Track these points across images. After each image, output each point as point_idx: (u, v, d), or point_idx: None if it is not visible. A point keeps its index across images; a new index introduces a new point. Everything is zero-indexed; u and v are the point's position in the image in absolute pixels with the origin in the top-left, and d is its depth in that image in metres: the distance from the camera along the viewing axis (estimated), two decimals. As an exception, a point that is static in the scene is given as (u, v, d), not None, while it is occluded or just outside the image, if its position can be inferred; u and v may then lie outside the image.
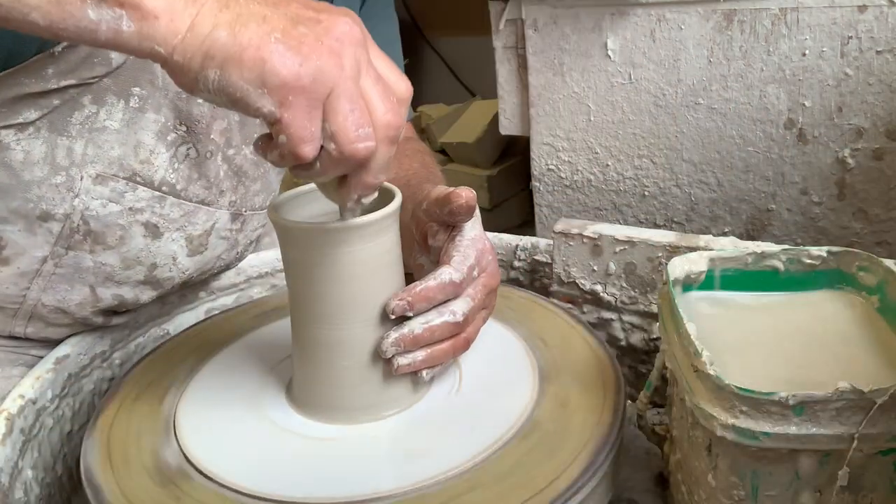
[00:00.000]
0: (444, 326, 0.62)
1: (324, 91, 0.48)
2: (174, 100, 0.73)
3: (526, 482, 0.57)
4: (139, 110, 0.70)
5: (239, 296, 0.90)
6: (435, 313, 0.62)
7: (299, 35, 0.48)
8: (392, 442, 0.63)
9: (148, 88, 0.71)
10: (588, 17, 1.29)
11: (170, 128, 0.73)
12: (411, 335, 0.62)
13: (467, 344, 0.65)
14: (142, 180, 0.73)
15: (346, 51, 0.49)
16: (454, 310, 0.63)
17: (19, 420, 0.67)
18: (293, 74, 0.47)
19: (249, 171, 0.83)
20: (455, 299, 0.64)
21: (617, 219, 1.40)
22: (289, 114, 0.48)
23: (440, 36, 2.98)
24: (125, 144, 0.71)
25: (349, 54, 0.49)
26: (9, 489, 0.64)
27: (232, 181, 0.81)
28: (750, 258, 0.65)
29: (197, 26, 0.47)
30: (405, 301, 0.61)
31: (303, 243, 0.61)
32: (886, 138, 1.16)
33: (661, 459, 0.71)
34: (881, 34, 1.11)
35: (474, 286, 0.65)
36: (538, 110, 1.39)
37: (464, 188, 0.66)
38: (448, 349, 0.64)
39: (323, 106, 0.49)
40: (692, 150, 1.29)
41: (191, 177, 0.76)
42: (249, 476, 0.60)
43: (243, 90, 0.47)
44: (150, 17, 0.47)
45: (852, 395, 0.49)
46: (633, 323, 0.82)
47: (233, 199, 0.82)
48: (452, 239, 0.67)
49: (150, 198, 0.74)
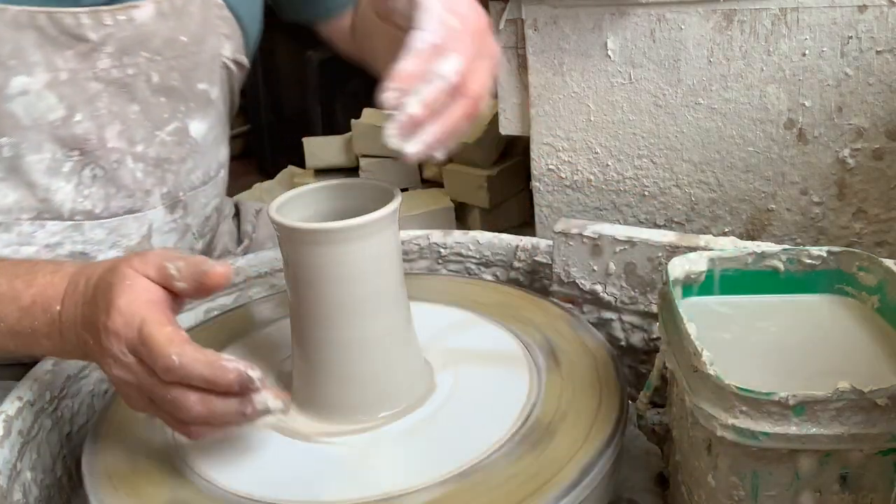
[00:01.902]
0: (439, 94, 0.57)
1: None
2: (52, 132, 0.72)
3: (526, 482, 0.57)
4: (16, 157, 0.70)
5: (238, 296, 0.90)
6: (424, 84, 0.57)
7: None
8: (392, 442, 0.63)
9: (16, 134, 0.70)
10: (588, 17, 1.29)
11: (60, 160, 0.72)
12: (408, 118, 0.56)
13: (476, 104, 0.60)
14: (49, 216, 0.72)
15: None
16: (443, 72, 0.57)
17: (17, 422, 0.67)
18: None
19: (172, 156, 0.83)
20: (442, 60, 0.58)
21: (617, 219, 1.40)
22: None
23: (440, 36, 2.98)
24: (17, 190, 0.70)
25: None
26: (7, 491, 0.64)
27: (156, 175, 0.81)
28: (750, 258, 0.65)
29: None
30: (394, 90, 0.56)
31: (303, 243, 0.61)
32: (886, 138, 1.16)
33: (661, 459, 0.71)
34: (881, 34, 1.11)
35: (458, 38, 0.59)
36: (538, 110, 1.39)
37: None
38: (457, 115, 0.59)
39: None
40: (692, 150, 1.29)
41: (108, 194, 0.76)
42: (248, 479, 0.60)
43: None
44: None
45: (852, 395, 0.49)
46: (633, 323, 0.82)
47: (164, 190, 0.82)
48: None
49: (63, 229, 0.73)
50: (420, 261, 0.91)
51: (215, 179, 0.94)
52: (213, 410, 0.56)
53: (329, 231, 0.60)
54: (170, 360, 0.55)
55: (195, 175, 0.87)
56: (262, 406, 0.56)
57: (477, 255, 0.89)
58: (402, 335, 0.66)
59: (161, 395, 0.56)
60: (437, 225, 2.14)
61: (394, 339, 0.65)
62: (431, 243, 0.90)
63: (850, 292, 0.64)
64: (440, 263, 0.90)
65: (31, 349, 0.66)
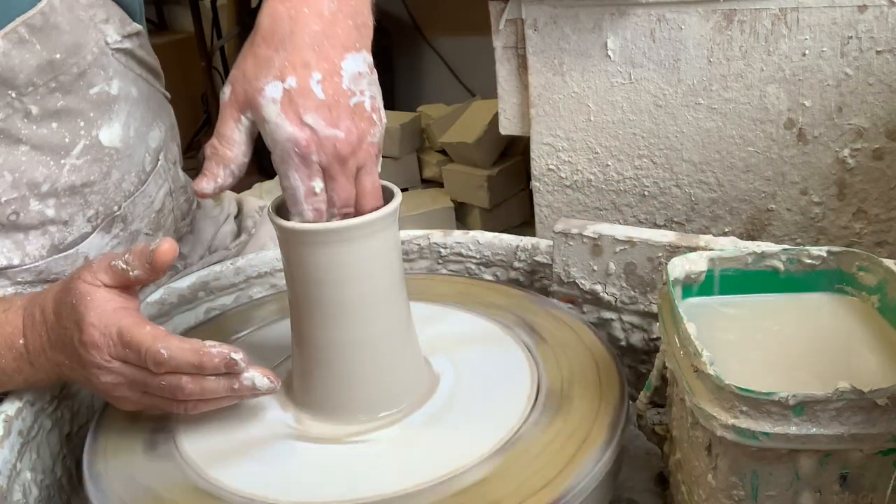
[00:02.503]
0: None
1: None
2: None
3: (526, 482, 0.57)
4: None
5: (238, 296, 0.90)
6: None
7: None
8: (392, 442, 0.63)
9: None
10: (588, 17, 1.29)
11: None
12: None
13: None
14: None
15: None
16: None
17: (17, 422, 0.67)
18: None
19: (91, 177, 0.77)
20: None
21: (617, 219, 1.40)
22: None
23: (440, 36, 2.98)
24: None
25: None
26: (7, 491, 0.63)
27: (74, 203, 0.76)
28: (750, 258, 0.65)
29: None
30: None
31: (302, 244, 0.61)
32: (886, 138, 1.16)
33: (661, 459, 0.71)
34: (881, 34, 1.11)
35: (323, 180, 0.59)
36: (538, 110, 1.39)
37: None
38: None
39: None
40: (692, 150, 1.29)
41: (22, 243, 0.74)
42: (249, 479, 0.60)
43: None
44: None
45: (852, 395, 0.49)
46: (633, 323, 0.82)
47: (90, 213, 0.78)
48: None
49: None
50: (420, 261, 0.91)
51: (156, 169, 0.86)
52: (205, 388, 0.61)
53: (328, 231, 0.60)
54: (159, 354, 0.59)
55: (127, 182, 0.80)
56: (249, 383, 0.61)
57: (477, 255, 0.89)
58: (403, 334, 0.66)
59: (155, 384, 0.61)
60: (437, 225, 2.14)
61: (394, 338, 0.65)
62: (431, 243, 0.90)
63: (851, 292, 0.64)
64: (440, 263, 0.90)
65: (5, 386, 0.68)
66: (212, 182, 0.60)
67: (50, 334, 0.65)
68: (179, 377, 0.61)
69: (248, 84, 0.58)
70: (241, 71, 0.59)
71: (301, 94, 0.57)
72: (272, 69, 0.57)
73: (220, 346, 0.60)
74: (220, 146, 0.60)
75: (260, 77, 0.57)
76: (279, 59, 0.58)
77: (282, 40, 0.58)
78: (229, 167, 0.60)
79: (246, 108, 0.59)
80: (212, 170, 0.60)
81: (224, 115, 0.60)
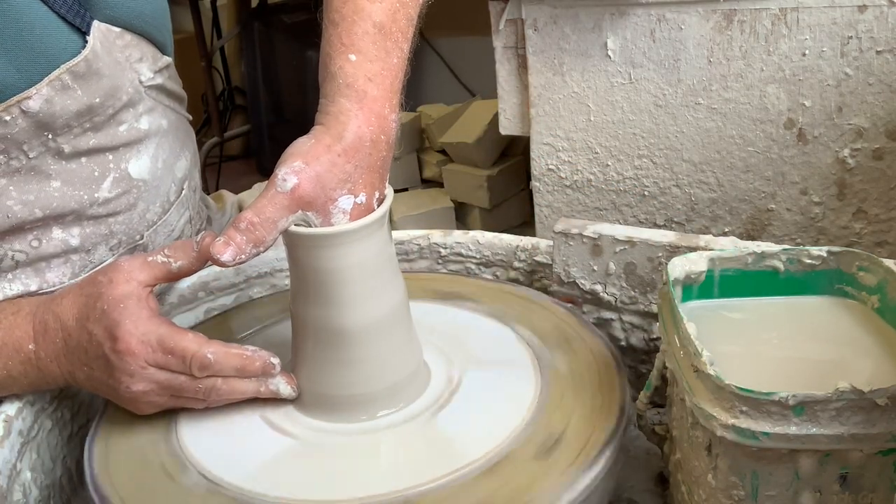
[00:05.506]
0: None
1: None
2: None
3: (525, 482, 0.57)
4: None
5: (238, 296, 0.90)
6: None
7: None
8: (392, 442, 0.63)
9: None
10: (588, 17, 1.29)
11: None
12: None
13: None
14: None
15: None
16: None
17: (17, 422, 0.67)
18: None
19: (118, 209, 0.77)
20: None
21: (617, 219, 1.40)
22: None
23: (440, 36, 2.98)
24: None
25: None
26: (7, 491, 0.64)
27: (97, 234, 0.77)
28: (750, 258, 0.65)
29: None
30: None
31: (302, 247, 0.62)
32: (886, 138, 1.16)
33: (661, 459, 0.71)
34: (881, 34, 1.11)
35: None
36: (538, 110, 1.39)
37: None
38: None
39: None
40: (692, 150, 1.29)
41: (43, 270, 0.75)
42: (250, 477, 0.60)
43: None
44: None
45: (852, 395, 0.49)
46: (633, 323, 0.82)
47: (113, 242, 0.78)
48: None
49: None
50: (420, 261, 0.91)
51: (180, 199, 0.87)
52: (235, 388, 0.65)
53: (328, 235, 0.61)
54: (206, 359, 0.63)
55: (151, 213, 0.81)
56: (275, 388, 0.66)
57: (477, 255, 0.89)
58: (404, 334, 0.67)
59: (192, 387, 0.64)
60: (437, 225, 2.14)
61: (394, 337, 0.66)
62: (431, 243, 0.90)
63: (850, 292, 0.64)
64: (440, 263, 0.90)
65: (9, 390, 0.68)
66: (236, 256, 0.60)
67: (68, 341, 0.65)
68: (216, 379, 0.64)
69: (323, 190, 0.61)
70: (315, 172, 0.60)
71: (367, 210, 0.63)
72: (348, 183, 0.62)
73: (258, 350, 0.65)
74: (259, 227, 0.60)
75: (337, 188, 0.61)
76: (356, 176, 0.62)
77: (361, 160, 0.63)
78: (258, 248, 0.60)
79: (310, 208, 0.61)
80: (241, 245, 0.59)
81: (277, 202, 0.60)
